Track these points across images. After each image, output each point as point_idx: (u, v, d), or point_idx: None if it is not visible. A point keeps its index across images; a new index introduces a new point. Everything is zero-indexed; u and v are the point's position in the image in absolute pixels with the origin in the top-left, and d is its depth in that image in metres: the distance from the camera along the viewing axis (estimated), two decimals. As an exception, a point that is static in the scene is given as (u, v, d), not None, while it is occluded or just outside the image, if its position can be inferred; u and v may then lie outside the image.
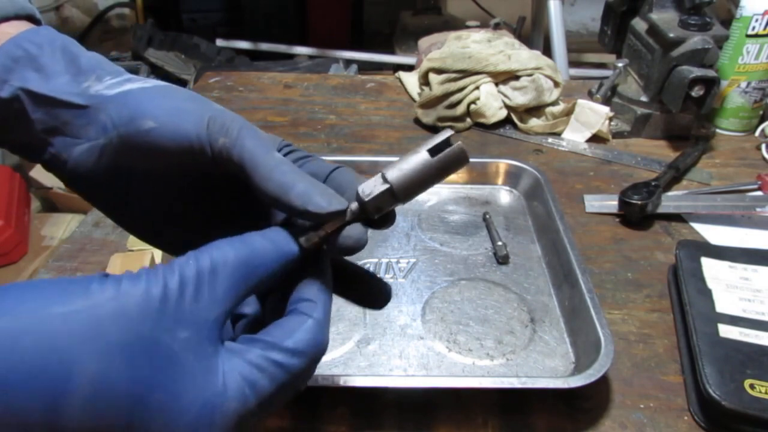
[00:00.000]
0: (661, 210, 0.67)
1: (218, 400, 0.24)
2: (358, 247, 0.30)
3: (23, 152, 0.33)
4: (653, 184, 0.68)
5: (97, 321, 0.22)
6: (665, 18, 0.79)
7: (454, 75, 0.85)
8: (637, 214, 0.66)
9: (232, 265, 0.26)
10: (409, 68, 1.44)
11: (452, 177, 0.73)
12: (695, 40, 0.75)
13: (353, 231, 0.30)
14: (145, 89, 0.30)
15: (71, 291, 0.23)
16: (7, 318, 0.21)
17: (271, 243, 0.28)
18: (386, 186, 0.29)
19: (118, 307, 0.23)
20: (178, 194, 0.33)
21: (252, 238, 0.27)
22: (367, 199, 0.29)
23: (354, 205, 0.29)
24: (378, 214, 0.29)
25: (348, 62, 2.14)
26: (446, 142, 0.28)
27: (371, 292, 0.35)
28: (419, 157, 0.28)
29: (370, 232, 0.31)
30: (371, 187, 0.29)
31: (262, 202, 0.29)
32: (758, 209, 0.66)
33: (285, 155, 0.32)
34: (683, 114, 0.82)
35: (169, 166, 0.30)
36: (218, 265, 0.26)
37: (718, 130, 0.86)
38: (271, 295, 0.32)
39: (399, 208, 0.32)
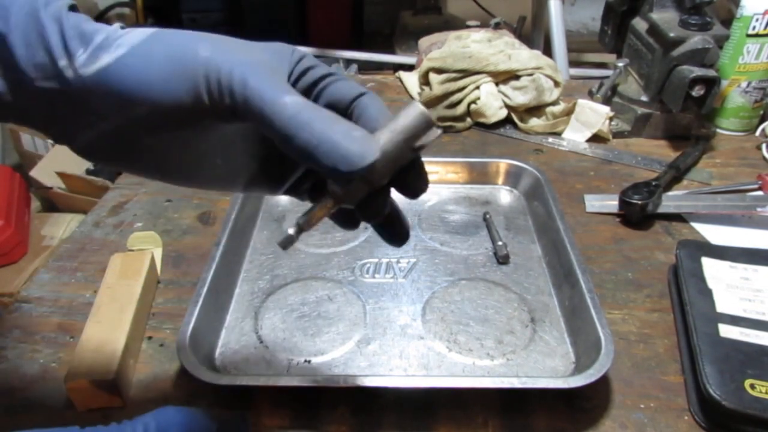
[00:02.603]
0: (661, 210, 0.67)
1: None
2: (379, 213, 0.29)
3: (49, 137, 0.30)
4: (654, 183, 0.68)
5: None
6: (665, 18, 0.79)
7: (454, 75, 0.84)
8: (637, 213, 0.66)
9: None
10: (409, 68, 1.44)
11: (452, 177, 0.74)
12: (695, 40, 0.75)
13: (377, 205, 0.28)
14: (121, 60, 0.26)
15: None
16: None
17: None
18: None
19: None
20: (206, 149, 0.30)
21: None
22: (341, 193, 0.27)
23: (328, 201, 0.28)
24: (355, 203, 0.28)
25: (348, 62, 2.14)
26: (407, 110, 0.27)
27: (394, 228, 0.33)
28: (381, 133, 0.26)
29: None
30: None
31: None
32: (759, 209, 0.66)
33: (301, 75, 0.29)
34: (683, 114, 0.82)
35: (183, 132, 0.28)
36: None
37: (718, 130, 0.86)
38: None
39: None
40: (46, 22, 0.26)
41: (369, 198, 0.28)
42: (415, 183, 0.29)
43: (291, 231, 0.28)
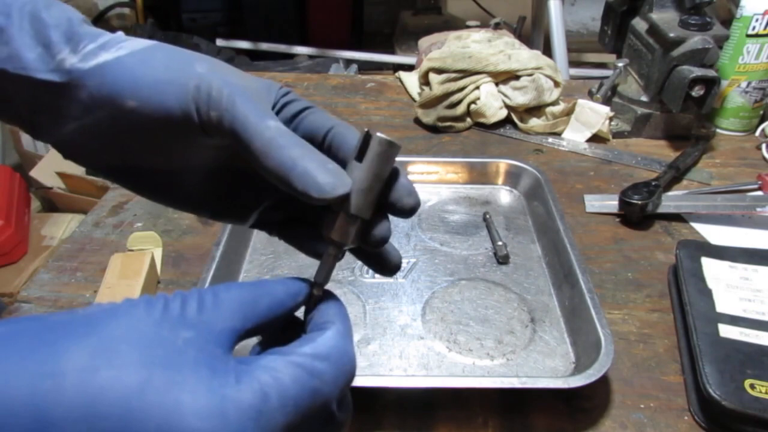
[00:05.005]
0: (661, 210, 0.67)
1: (230, 392, 0.22)
2: (387, 237, 0.30)
3: (24, 129, 0.31)
4: (653, 184, 0.68)
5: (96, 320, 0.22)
6: (665, 18, 0.79)
7: (454, 75, 0.84)
8: (637, 214, 0.66)
9: (237, 292, 0.25)
10: (409, 68, 1.44)
11: (452, 177, 0.74)
12: (695, 40, 0.75)
13: (381, 229, 0.29)
14: (121, 60, 0.28)
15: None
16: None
17: (284, 282, 0.27)
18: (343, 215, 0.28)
19: (115, 310, 0.23)
20: (178, 163, 0.31)
21: (264, 280, 0.27)
22: (335, 237, 0.28)
23: (331, 250, 0.29)
24: (351, 241, 0.29)
25: (348, 62, 2.14)
26: (366, 141, 0.27)
27: (384, 260, 0.34)
28: (350, 169, 0.27)
29: None
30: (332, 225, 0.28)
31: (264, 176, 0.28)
32: (758, 209, 0.66)
33: (283, 106, 0.31)
34: (683, 114, 0.82)
35: (162, 140, 0.29)
36: (221, 290, 0.25)
37: (718, 130, 0.86)
38: None
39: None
40: (47, 19, 0.28)
41: (366, 231, 0.29)
42: (401, 200, 0.29)
43: (314, 292, 0.29)
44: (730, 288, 0.52)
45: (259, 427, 0.22)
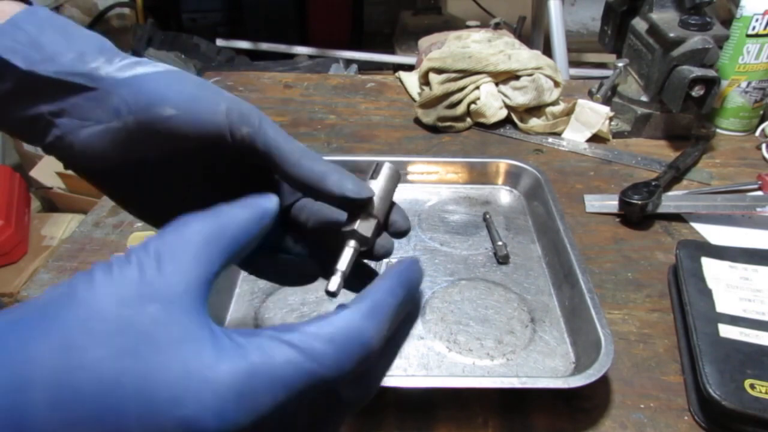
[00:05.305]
0: (661, 210, 0.67)
1: (207, 373, 0.21)
2: (391, 251, 0.35)
3: (23, 134, 0.31)
4: (653, 184, 0.68)
5: (45, 310, 0.21)
6: (665, 18, 0.79)
7: (454, 75, 0.84)
8: (637, 213, 0.66)
9: (195, 231, 0.23)
10: (409, 68, 1.44)
11: (452, 177, 0.74)
12: (695, 40, 0.75)
13: (385, 242, 0.34)
14: (158, 74, 0.30)
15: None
16: None
17: (243, 204, 0.26)
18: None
19: (71, 293, 0.21)
20: (190, 179, 0.33)
21: (220, 206, 0.25)
22: (363, 232, 0.32)
23: (352, 243, 0.32)
24: (371, 235, 0.32)
25: (348, 62, 2.14)
26: (378, 166, 0.34)
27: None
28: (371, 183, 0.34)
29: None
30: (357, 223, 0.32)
31: (291, 186, 0.32)
32: (758, 209, 0.66)
33: None
34: (683, 114, 0.82)
35: (185, 152, 0.31)
36: (178, 231, 0.23)
37: (718, 130, 0.86)
38: None
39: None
40: (78, 34, 0.31)
41: (378, 235, 0.33)
42: (399, 222, 0.34)
43: (338, 279, 0.31)
44: (730, 288, 0.52)
45: (241, 407, 0.21)
